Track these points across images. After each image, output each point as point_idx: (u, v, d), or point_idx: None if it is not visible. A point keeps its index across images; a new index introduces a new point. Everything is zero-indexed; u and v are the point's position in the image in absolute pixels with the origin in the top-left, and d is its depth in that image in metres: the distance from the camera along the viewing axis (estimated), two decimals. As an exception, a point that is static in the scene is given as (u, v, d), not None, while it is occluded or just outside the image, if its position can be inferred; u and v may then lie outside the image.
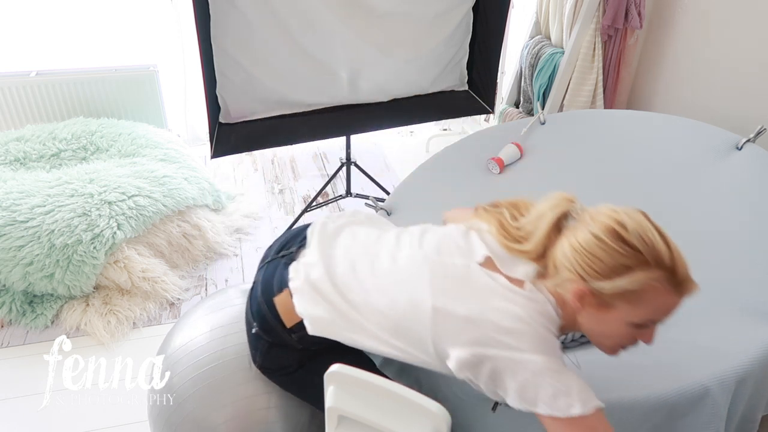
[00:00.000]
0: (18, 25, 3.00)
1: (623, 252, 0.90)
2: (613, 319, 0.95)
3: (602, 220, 0.94)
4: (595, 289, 0.92)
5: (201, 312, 1.58)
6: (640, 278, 0.90)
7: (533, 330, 0.94)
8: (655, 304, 0.92)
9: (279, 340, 1.17)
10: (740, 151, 1.75)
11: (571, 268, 0.94)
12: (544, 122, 2.14)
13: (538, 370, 0.91)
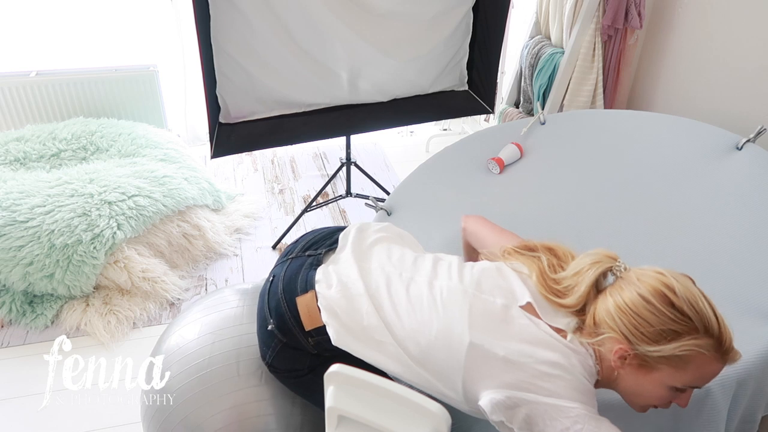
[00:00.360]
0: (18, 25, 3.00)
1: (673, 317, 0.90)
2: (654, 381, 0.94)
3: (650, 282, 0.93)
4: (639, 352, 0.92)
5: (196, 312, 1.58)
6: (689, 345, 0.89)
7: (574, 378, 0.93)
8: (700, 371, 0.91)
9: (294, 342, 1.14)
10: (740, 151, 1.75)
11: (615, 327, 0.93)
12: (544, 122, 2.14)
13: (577, 416, 0.90)
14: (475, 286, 1.07)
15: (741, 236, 1.57)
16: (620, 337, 0.93)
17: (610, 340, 0.94)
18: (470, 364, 0.98)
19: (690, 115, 1.97)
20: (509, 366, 0.95)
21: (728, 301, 1.41)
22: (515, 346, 0.96)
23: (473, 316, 1.02)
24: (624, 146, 1.97)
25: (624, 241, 1.70)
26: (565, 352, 0.95)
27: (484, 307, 1.03)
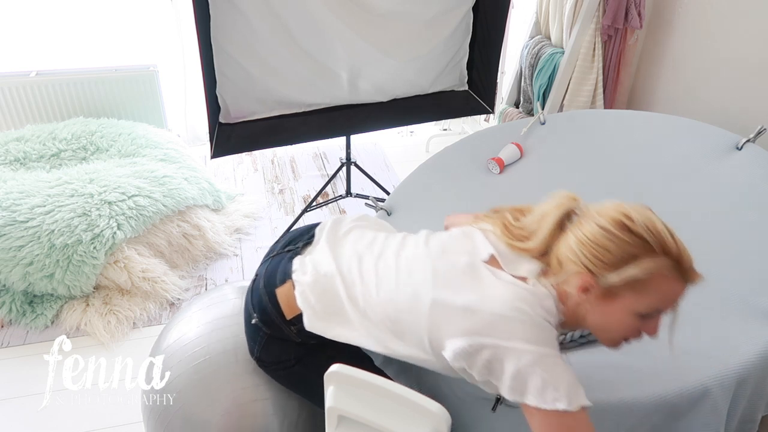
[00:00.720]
0: (18, 25, 3.00)
1: (630, 241, 0.91)
2: (619, 309, 0.95)
3: (609, 213, 0.96)
4: (602, 281, 0.93)
5: (196, 309, 1.58)
6: (648, 266, 0.91)
7: (531, 319, 0.94)
8: (661, 292, 0.93)
9: (278, 333, 1.17)
10: (740, 151, 1.75)
11: (577, 260, 0.95)
12: (544, 122, 2.14)
13: (532, 360, 0.91)
14: (440, 250, 1.10)
15: (740, 236, 1.57)
16: (583, 270, 0.94)
17: (574, 276, 0.96)
18: (433, 319, 1.00)
19: (690, 115, 1.97)
20: (468, 313, 0.97)
21: (728, 301, 1.41)
22: (474, 295, 0.98)
23: (437, 277, 1.04)
24: (624, 146, 1.97)
25: (624, 241, 1.70)
26: (521, 294, 0.97)
27: (448, 267, 1.05)
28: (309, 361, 1.20)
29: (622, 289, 0.93)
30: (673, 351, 1.07)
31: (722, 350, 1.26)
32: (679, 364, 1.26)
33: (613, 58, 2.41)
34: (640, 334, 0.99)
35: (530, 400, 0.91)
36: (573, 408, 0.89)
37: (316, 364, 1.16)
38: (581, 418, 0.91)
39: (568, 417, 0.90)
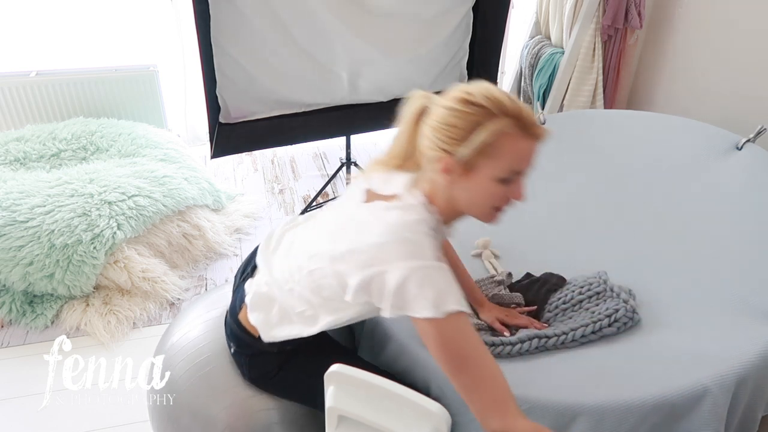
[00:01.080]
0: (18, 25, 3.00)
1: (472, 111, 0.97)
2: (481, 180, 1.00)
3: (451, 94, 1.01)
4: (458, 156, 0.98)
5: (198, 309, 1.58)
6: (492, 128, 0.96)
7: (399, 238, 0.98)
8: (511, 152, 0.98)
9: (256, 350, 1.24)
10: (740, 151, 1.75)
11: (434, 146, 1.00)
12: (544, 122, 2.14)
13: (405, 275, 0.94)
14: (335, 213, 1.18)
15: (741, 236, 1.57)
16: (441, 153, 0.99)
17: (436, 162, 1.01)
18: (336, 272, 1.05)
19: (690, 115, 1.97)
20: (353, 253, 1.02)
21: (728, 301, 1.41)
22: (355, 236, 1.04)
23: (331, 235, 1.10)
24: (624, 146, 1.97)
25: (623, 240, 1.70)
26: (390, 218, 1.02)
27: (338, 224, 1.12)
28: (289, 366, 1.26)
29: (478, 158, 0.98)
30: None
31: (722, 350, 1.26)
32: (679, 364, 1.26)
33: (613, 58, 2.41)
34: (508, 200, 1.05)
35: (409, 313, 0.96)
36: (439, 315, 0.93)
37: (296, 367, 1.24)
38: (453, 323, 0.94)
39: (439, 324, 0.93)
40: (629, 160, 1.93)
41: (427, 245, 0.98)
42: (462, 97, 0.98)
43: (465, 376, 0.95)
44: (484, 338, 1.37)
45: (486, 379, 0.95)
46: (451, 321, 0.94)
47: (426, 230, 1.01)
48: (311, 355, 1.28)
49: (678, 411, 1.19)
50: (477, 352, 0.95)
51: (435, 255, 0.98)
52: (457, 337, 0.94)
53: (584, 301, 1.46)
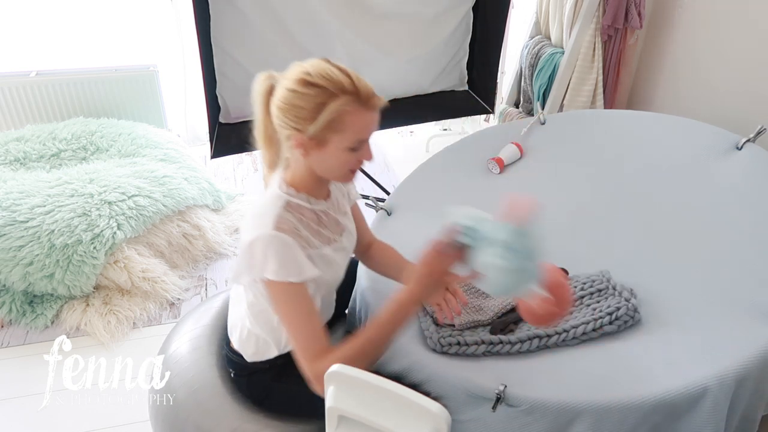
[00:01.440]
0: (18, 25, 3.00)
1: (314, 93, 1.05)
2: (333, 151, 1.10)
3: (290, 76, 1.09)
4: (309, 133, 1.07)
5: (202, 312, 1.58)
6: (334, 107, 1.05)
7: (252, 217, 1.13)
8: (355, 125, 1.08)
9: (252, 370, 1.32)
10: (740, 151, 1.75)
11: (285, 125, 1.09)
12: (544, 122, 2.14)
13: (247, 243, 1.09)
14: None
15: (741, 236, 1.57)
16: (293, 132, 1.09)
17: (291, 140, 1.10)
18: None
19: (690, 115, 1.97)
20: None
21: (728, 301, 1.41)
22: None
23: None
24: (624, 146, 1.97)
25: (623, 240, 1.70)
26: (258, 211, 1.13)
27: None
28: (285, 379, 1.30)
29: (326, 133, 1.08)
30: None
31: (722, 350, 1.26)
32: (679, 364, 1.26)
33: (613, 58, 2.41)
34: (361, 162, 1.17)
35: (256, 275, 1.11)
36: (273, 278, 1.07)
37: (291, 379, 1.26)
38: (284, 288, 1.08)
39: (275, 286, 1.09)
40: (629, 160, 1.93)
41: (271, 217, 1.10)
42: (302, 78, 1.06)
43: (285, 329, 1.14)
44: (483, 337, 1.37)
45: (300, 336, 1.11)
46: (283, 286, 1.08)
47: (280, 206, 1.12)
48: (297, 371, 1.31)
49: (678, 411, 1.19)
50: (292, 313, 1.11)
51: (277, 226, 1.09)
52: (285, 299, 1.10)
53: (585, 297, 1.46)
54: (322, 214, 1.23)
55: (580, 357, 1.34)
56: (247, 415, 1.32)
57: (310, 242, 1.17)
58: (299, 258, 1.10)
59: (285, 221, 1.11)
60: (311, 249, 1.16)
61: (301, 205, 1.17)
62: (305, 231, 1.16)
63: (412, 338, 1.41)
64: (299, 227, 1.14)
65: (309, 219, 1.18)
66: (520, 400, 1.19)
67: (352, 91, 1.06)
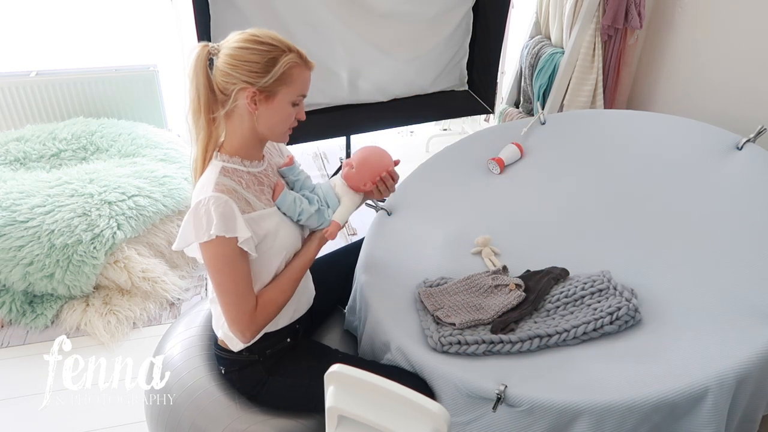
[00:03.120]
0: (18, 25, 3.00)
1: (267, 49, 1.16)
2: (279, 105, 1.21)
3: (236, 38, 1.17)
4: (261, 86, 1.17)
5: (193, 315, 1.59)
6: (286, 61, 1.18)
7: (195, 190, 1.21)
8: (299, 79, 1.21)
9: (241, 364, 1.35)
10: (740, 151, 1.75)
11: (236, 80, 1.16)
12: (544, 122, 2.14)
13: (191, 209, 1.17)
14: None
15: (741, 236, 1.57)
16: (244, 85, 1.16)
17: (240, 94, 1.17)
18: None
19: (690, 115, 1.97)
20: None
21: (728, 302, 1.41)
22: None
23: None
24: (624, 146, 1.97)
25: (623, 240, 1.70)
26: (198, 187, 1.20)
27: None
28: (278, 371, 1.35)
29: (276, 86, 1.18)
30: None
31: (722, 350, 1.26)
32: (679, 364, 1.26)
33: (613, 58, 2.41)
34: (296, 121, 1.28)
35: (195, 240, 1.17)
36: (206, 238, 1.14)
37: (285, 371, 1.35)
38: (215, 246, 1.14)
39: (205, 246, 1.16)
40: (629, 160, 1.93)
41: (210, 184, 1.17)
42: (252, 38, 1.16)
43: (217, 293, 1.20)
44: (483, 337, 1.37)
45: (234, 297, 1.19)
46: (215, 244, 1.14)
47: (216, 172, 1.19)
48: (297, 358, 1.36)
49: (678, 411, 1.19)
50: (229, 273, 1.17)
51: (216, 189, 1.16)
52: (222, 258, 1.16)
53: (586, 296, 1.46)
54: (261, 175, 1.28)
55: (580, 357, 1.34)
56: (242, 413, 1.32)
57: (253, 203, 1.23)
58: (237, 216, 1.16)
59: (222, 184, 1.18)
60: (256, 211, 1.22)
61: (236, 169, 1.23)
62: (245, 193, 1.22)
63: (412, 338, 1.41)
64: (237, 189, 1.20)
65: (248, 181, 1.24)
66: (520, 400, 1.19)
67: (296, 50, 1.20)
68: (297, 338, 1.40)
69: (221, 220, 1.13)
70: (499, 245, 1.75)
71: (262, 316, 1.23)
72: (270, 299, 1.25)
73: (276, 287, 1.27)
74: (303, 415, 1.35)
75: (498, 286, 1.53)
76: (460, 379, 1.25)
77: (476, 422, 1.25)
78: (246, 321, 1.21)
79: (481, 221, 1.84)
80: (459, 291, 1.53)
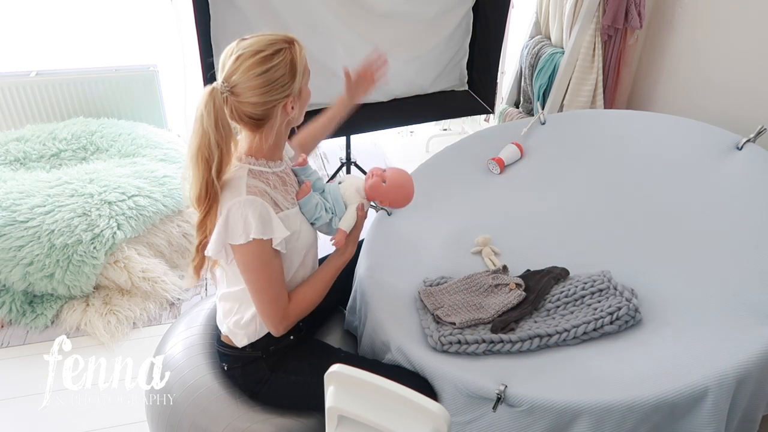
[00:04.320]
0: (18, 25, 3.00)
1: (281, 57, 1.15)
2: (305, 91, 1.23)
3: (242, 68, 1.14)
4: (296, 91, 1.19)
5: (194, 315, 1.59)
6: (297, 56, 1.18)
7: (224, 195, 1.19)
8: (304, 61, 1.21)
9: (244, 361, 1.35)
10: (740, 151, 1.75)
11: (275, 101, 1.16)
12: (544, 122, 2.14)
13: (224, 214, 1.16)
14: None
15: (741, 236, 1.57)
16: (285, 100, 1.18)
17: (281, 110, 1.18)
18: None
19: (690, 115, 1.97)
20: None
21: (728, 302, 1.41)
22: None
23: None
24: (624, 146, 1.97)
25: (624, 240, 1.70)
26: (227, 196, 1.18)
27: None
28: (281, 368, 1.35)
29: (302, 81, 1.21)
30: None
31: (722, 350, 1.26)
32: (679, 364, 1.26)
33: (613, 58, 2.41)
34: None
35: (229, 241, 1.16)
36: (243, 240, 1.14)
37: (288, 369, 1.35)
38: (252, 247, 1.15)
39: (242, 248, 1.16)
40: (629, 160, 1.93)
41: (241, 187, 1.17)
42: (261, 58, 1.13)
43: (253, 291, 1.21)
44: (483, 336, 1.37)
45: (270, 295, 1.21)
46: (254, 245, 1.15)
47: (244, 175, 1.19)
48: (300, 356, 1.36)
49: (678, 411, 1.19)
50: (265, 273, 1.19)
51: (248, 191, 1.16)
52: (258, 259, 1.17)
53: (587, 296, 1.46)
54: (284, 175, 1.30)
55: (580, 357, 1.34)
56: (243, 412, 1.32)
57: (281, 204, 1.24)
58: (273, 217, 1.17)
59: (253, 186, 1.18)
60: (283, 211, 1.23)
61: (262, 171, 1.23)
62: (274, 193, 1.23)
63: (412, 337, 1.41)
64: (267, 190, 1.21)
65: (274, 182, 1.25)
66: (520, 400, 1.19)
67: (291, 37, 1.20)
68: (300, 336, 1.40)
69: (260, 223, 1.14)
70: (499, 245, 1.75)
71: (295, 311, 1.26)
72: (302, 296, 1.28)
73: (308, 285, 1.30)
74: (304, 414, 1.35)
75: (498, 286, 1.53)
76: (460, 379, 1.25)
77: (476, 422, 1.25)
78: (279, 317, 1.23)
79: (481, 221, 1.85)
80: (459, 290, 1.53)
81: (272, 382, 1.34)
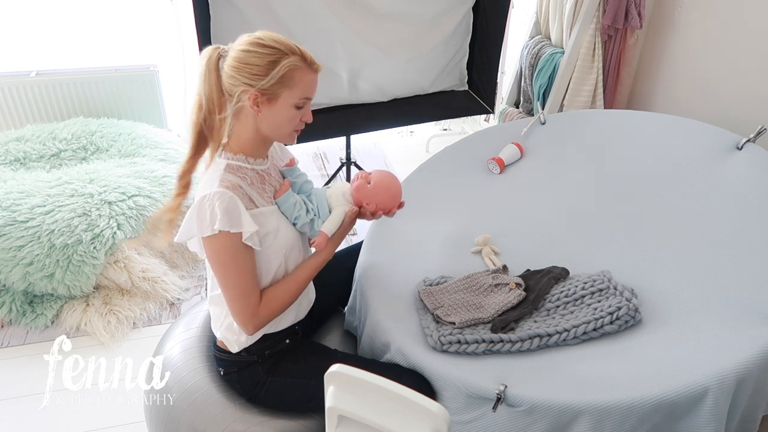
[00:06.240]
0: (18, 25, 3.00)
1: (267, 51, 1.17)
2: (282, 106, 1.21)
3: (242, 40, 1.19)
4: (262, 88, 1.17)
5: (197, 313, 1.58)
6: (287, 63, 1.18)
7: (201, 185, 1.22)
8: (302, 82, 1.21)
9: (241, 365, 1.35)
10: (740, 151, 1.75)
11: (237, 82, 1.18)
12: (544, 122, 2.14)
13: (195, 203, 1.18)
14: None
15: (741, 236, 1.57)
16: (246, 87, 1.18)
17: (243, 96, 1.18)
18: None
19: (690, 115, 1.97)
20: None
21: (728, 302, 1.41)
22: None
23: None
24: (624, 146, 1.97)
25: (624, 240, 1.70)
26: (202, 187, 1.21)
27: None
28: (277, 371, 1.36)
29: (277, 88, 1.19)
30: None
31: (722, 350, 1.26)
32: (679, 364, 1.26)
33: (613, 58, 2.41)
34: (302, 123, 1.29)
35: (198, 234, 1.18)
36: (210, 232, 1.15)
37: (283, 371, 1.35)
38: (221, 239, 1.16)
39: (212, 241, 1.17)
40: (629, 160, 1.93)
41: (216, 180, 1.19)
42: (255, 41, 1.17)
43: (222, 286, 1.22)
44: (483, 336, 1.37)
45: (239, 290, 1.21)
46: (220, 239, 1.16)
47: (221, 169, 1.22)
48: (296, 359, 1.37)
49: (678, 411, 1.19)
50: (234, 268, 1.19)
51: (221, 184, 1.18)
52: (226, 252, 1.17)
53: (587, 296, 1.46)
54: (264, 173, 1.29)
55: (580, 357, 1.34)
56: (241, 414, 1.33)
57: (256, 201, 1.24)
58: (242, 212, 1.18)
59: (227, 180, 1.20)
60: (258, 207, 1.23)
61: (240, 166, 1.25)
62: (249, 189, 1.23)
63: (412, 337, 1.41)
64: (242, 185, 1.22)
65: (252, 178, 1.26)
66: (520, 400, 1.19)
67: (299, 52, 1.20)
68: (296, 339, 1.40)
69: (225, 215, 1.15)
70: (499, 244, 1.75)
71: (266, 311, 1.25)
72: (274, 296, 1.27)
73: (282, 285, 1.29)
74: (303, 415, 1.36)
75: (498, 285, 1.53)
76: (460, 379, 1.25)
77: (476, 422, 1.25)
78: (249, 315, 1.22)
79: (481, 221, 1.85)
80: (459, 290, 1.53)
81: (269, 386, 1.35)
